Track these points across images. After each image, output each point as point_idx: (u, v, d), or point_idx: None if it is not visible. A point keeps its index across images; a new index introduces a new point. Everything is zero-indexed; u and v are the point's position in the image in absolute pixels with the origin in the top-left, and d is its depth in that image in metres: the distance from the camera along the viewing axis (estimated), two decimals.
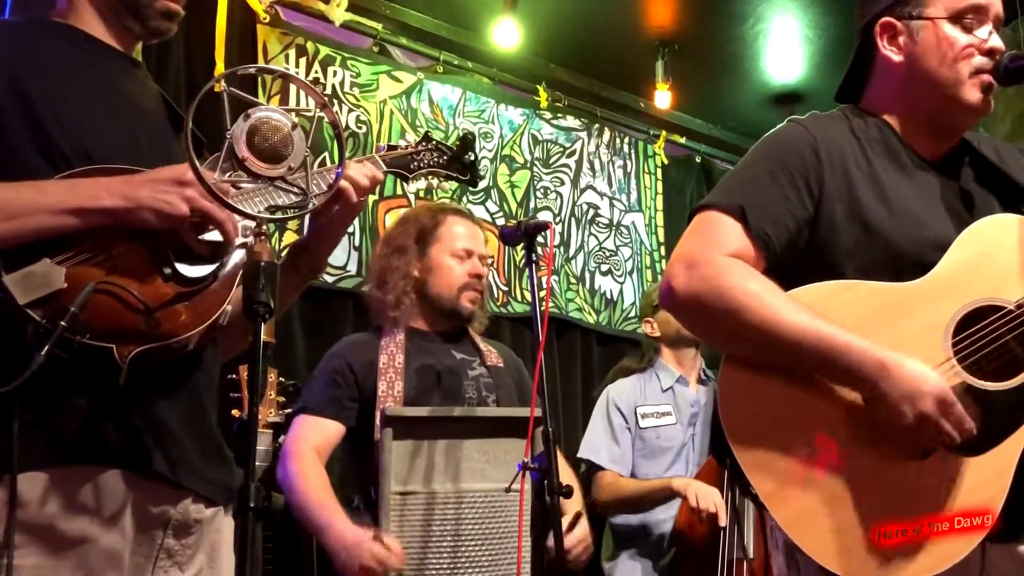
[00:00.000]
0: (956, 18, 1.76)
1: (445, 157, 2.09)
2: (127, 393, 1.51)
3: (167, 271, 1.56)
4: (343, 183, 1.74)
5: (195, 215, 1.55)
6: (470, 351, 2.95)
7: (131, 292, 1.50)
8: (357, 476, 2.66)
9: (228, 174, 1.53)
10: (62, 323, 1.40)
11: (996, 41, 1.75)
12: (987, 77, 1.74)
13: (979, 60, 1.74)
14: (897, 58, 1.81)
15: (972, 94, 1.74)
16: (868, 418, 1.57)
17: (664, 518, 3.50)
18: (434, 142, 2.10)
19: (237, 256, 1.65)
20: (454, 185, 3.71)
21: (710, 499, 3.22)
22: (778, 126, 1.84)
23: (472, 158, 2.13)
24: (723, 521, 3.19)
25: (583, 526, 2.64)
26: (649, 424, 3.65)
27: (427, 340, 2.90)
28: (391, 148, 2.02)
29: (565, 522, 2.45)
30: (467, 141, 2.15)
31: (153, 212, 1.52)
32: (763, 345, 1.59)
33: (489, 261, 3.03)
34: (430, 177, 2.07)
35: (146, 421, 1.59)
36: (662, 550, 3.52)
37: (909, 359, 1.54)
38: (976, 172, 1.81)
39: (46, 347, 1.38)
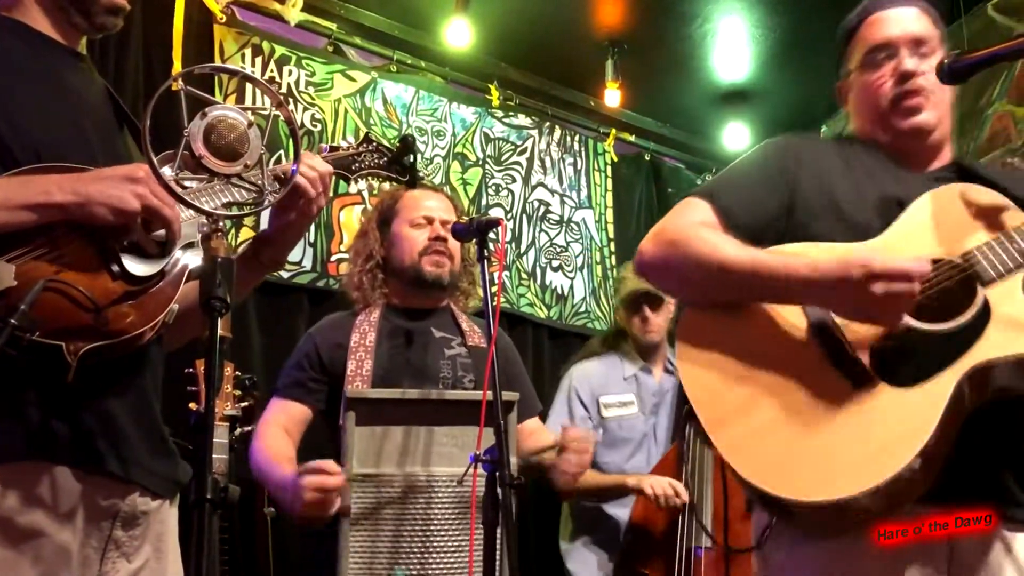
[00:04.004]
0: (867, 62, 1.92)
1: (385, 159, 2.10)
2: (76, 390, 1.51)
3: (115, 269, 1.56)
4: (298, 179, 1.75)
5: (144, 212, 1.55)
6: (451, 329, 2.88)
7: (80, 290, 1.50)
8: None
9: (181, 171, 1.55)
10: (12, 321, 1.39)
11: (908, 64, 1.87)
12: (909, 100, 1.86)
13: (891, 87, 1.88)
14: (850, 112, 2.02)
15: (898, 121, 1.88)
16: (805, 350, 1.69)
17: (621, 505, 3.51)
18: (375, 143, 2.10)
19: (184, 255, 1.66)
20: None
21: (665, 485, 3.25)
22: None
23: (412, 160, 2.14)
24: (684, 498, 3.21)
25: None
26: (612, 414, 3.66)
27: (404, 317, 2.85)
28: (333, 149, 2.03)
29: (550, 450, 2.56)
30: (407, 143, 2.15)
31: (105, 207, 1.52)
32: (719, 283, 1.73)
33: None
34: (370, 178, 2.10)
35: (95, 418, 1.59)
36: (617, 541, 3.52)
37: (823, 257, 1.65)
38: (962, 181, 1.88)
39: None
